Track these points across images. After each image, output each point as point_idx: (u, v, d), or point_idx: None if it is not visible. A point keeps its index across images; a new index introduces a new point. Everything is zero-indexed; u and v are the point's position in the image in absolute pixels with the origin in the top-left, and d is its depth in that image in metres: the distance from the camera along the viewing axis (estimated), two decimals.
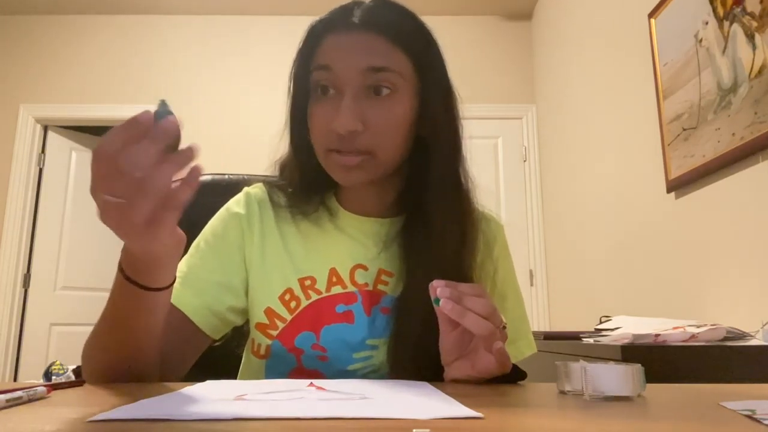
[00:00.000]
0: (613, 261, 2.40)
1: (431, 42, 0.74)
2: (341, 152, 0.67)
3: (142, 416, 0.34)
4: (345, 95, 0.67)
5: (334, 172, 0.70)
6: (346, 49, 0.68)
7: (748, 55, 1.50)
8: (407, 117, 0.70)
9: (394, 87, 0.68)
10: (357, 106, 0.66)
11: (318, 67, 0.69)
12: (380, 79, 0.67)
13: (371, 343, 0.72)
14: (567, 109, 3.07)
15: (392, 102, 0.68)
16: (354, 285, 0.73)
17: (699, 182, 1.74)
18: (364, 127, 0.67)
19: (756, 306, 1.46)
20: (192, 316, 0.71)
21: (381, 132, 0.68)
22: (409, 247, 0.72)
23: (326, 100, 0.68)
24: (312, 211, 0.76)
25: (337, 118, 0.65)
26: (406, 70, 0.69)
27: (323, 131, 0.68)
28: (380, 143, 0.68)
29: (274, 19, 3.80)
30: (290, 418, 0.34)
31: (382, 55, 0.67)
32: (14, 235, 3.58)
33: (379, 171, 0.70)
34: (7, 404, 0.39)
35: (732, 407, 0.41)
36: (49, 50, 3.82)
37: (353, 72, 0.67)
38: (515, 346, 0.78)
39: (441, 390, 0.50)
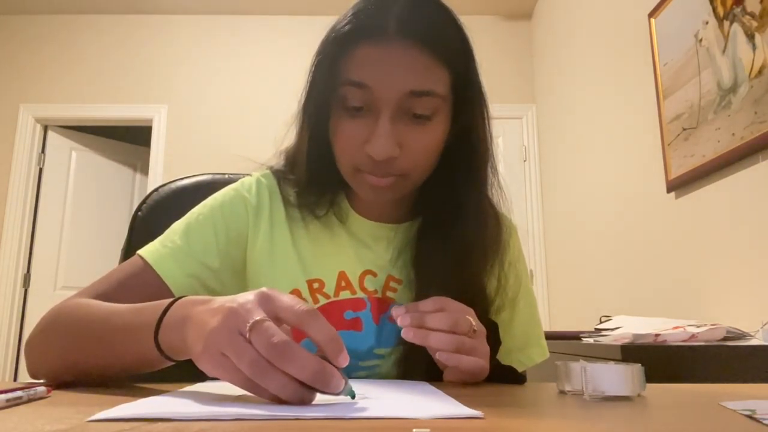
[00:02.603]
0: (613, 261, 2.40)
1: (468, 47, 0.68)
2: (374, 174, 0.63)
3: (142, 415, 0.34)
4: (381, 117, 0.61)
5: (362, 190, 0.67)
6: (385, 67, 0.61)
7: (748, 55, 1.50)
8: (443, 138, 0.66)
9: (433, 111, 0.63)
10: (395, 130, 0.61)
11: (351, 83, 0.61)
12: (421, 103, 0.62)
13: (378, 353, 0.70)
14: (567, 109, 3.07)
15: (430, 126, 0.63)
16: (363, 291, 0.71)
17: (699, 182, 1.74)
18: (400, 150, 0.62)
19: (756, 306, 1.46)
20: (177, 292, 0.66)
21: (417, 156, 0.64)
22: (422, 255, 0.70)
23: (358, 119, 0.63)
24: (322, 213, 0.72)
25: (374, 144, 0.61)
26: (447, 90, 0.64)
27: (353, 150, 0.63)
28: (416, 167, 0.64)
29: (274, 19, 3.80)
30: (290, 418, 0.34)
31: (424, 76, 0.61)
32: (14, 235, 3.58)
33: (409, 190, 0.68)
34: (7, 404, 0.39)
35: (732, 407, 0.41)
36: (49, 50, 3.82)
37: (393, 94, 0.60)
38: (525, 353, 0.76)
39: (441, 390, 0.50)
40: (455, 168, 0.69)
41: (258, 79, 3.68)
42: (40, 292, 3.64)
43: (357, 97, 0.62)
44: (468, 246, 0.68)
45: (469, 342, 0.57)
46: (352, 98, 0.62)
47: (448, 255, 0.68)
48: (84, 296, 0.65)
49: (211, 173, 1.01)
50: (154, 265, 0.66)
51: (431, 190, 0.71)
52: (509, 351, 0.75)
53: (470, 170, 0.69)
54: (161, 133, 3.70)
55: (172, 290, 0.66)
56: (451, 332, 0.56)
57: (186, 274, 0.67)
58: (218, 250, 0.70)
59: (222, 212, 0.72)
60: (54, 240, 3.73)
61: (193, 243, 0.69)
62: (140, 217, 0.96)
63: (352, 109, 0.63)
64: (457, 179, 0.69)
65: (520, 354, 0.76)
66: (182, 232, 0.70)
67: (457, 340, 0.56)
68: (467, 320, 0.57)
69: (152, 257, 0.67)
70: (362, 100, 0.62)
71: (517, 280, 0.77)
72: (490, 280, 0.71)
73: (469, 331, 0.57)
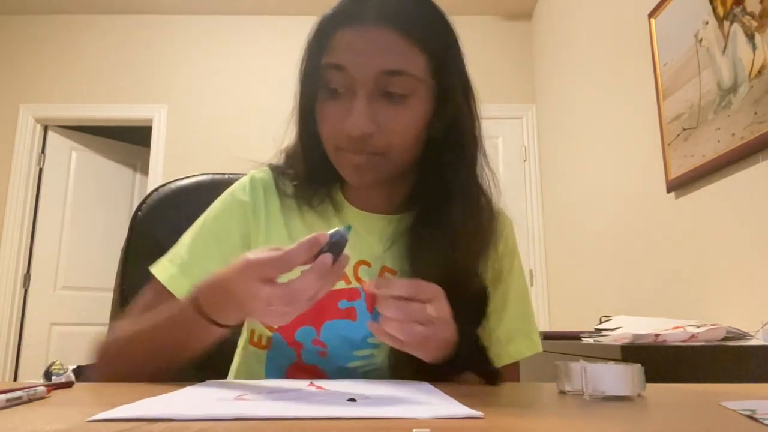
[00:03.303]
0: (613, 261, 2.40)
1: (450, 35, 0.70)
2: (352, 151, 0.66)
3: (142, 416, 0.34)
4: (357, 97, 0.64)
5: (344, 170, 0.69)
6: (360, 49, 0.64)
7: (748, 55, 1.50)
8: (421, 118, 0.67)
9: (409, 91, 0.65)
10: (370, 108, 0.64)
11: (329, 66, 0.65)
12: (395, 83, 0.64)
13: (373, 342, 0.70)
14: (567, 109, 3.07)
15: (406, 105, 0.65)
16: (358, 281, 0.72)
17: (699, 182, 1.74)
18: (376, 129, 0.64)
19: (756, 306, 1.46)
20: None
21: (393, 134, 0.65)
22: (416, 246, 0.70)
23: (337, 99, 0.66)
24: (318, 203, 0.74)
25: (350, 121, 0.63)
26: (422, 72, 0.66)
27: (334, 130, 0.66)
28: (392, 145, 0.66)
29: (274, 19, 3.79)
30: (290, 418, 0.34)
31: (398, 56, 0.64)
32: (14, 235, 3.58)
33: (389, 171, 0.69)
34: (7, 404, 0.39)
35: (732, 407, 0.41)
36: (49, 50, 3.82)
37: (367, 74, 0.63)
38: (514, 346, 0.76)
39: (441, 390, 0.50)
40: (444, 157, 0.70)
41: (258, 79, 3.68)
42: (40, 292, 3.64)
43: (336, 79, 0.65)
44: (458, 234, 0.68)
45: (421, 330, 0.56)
46: (332, 80, 0.65)
47: (440, 244, 0.68)
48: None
49: (211, 173, 1.01)
50: (169, 286, 0.71)
51: (423, 181, 0.72)
52: (498, 342, 0.75)
53: (457, 158, 0.70)
54: (161, 133, 3.69)
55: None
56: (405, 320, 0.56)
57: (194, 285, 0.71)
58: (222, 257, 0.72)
59: (222, 220, 0.75)
60: (54, 240, 3.73)
61: (199, 256, 0.73)
62: (140, 217, 0.96)
63: (332, 91, 0.66)
64: (446, 168, 0.70)
65: (509, 346, 0.76)
66: (188, 247, 0.74)
67: (407, 329, 0.56)
68: (422, 309, 0.56)
69: (164, 276, 0.72)
70: (340, 81, 0.65)
71: (510, 271, 0.78)
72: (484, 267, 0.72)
73: (422, 320, 0.56)
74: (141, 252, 0.94)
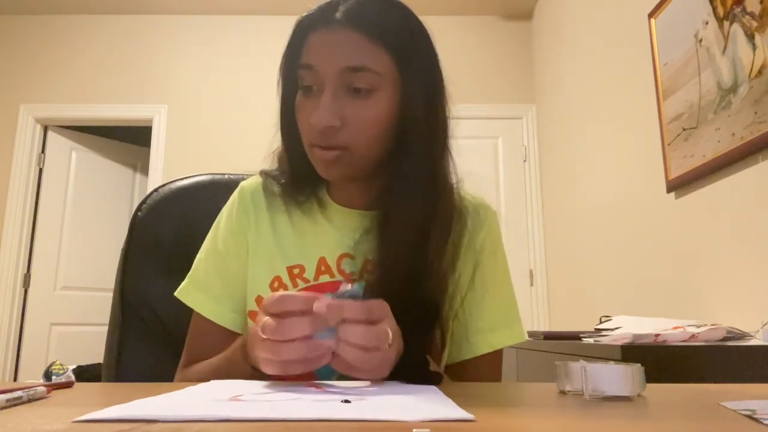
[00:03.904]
0: (613, 261, 2.40)
1: (417, 35, 0.73)
2: (322, 147, 0.69)
3: (125, 417, 0.34)
4: (324, 92, 0.68)
5: (316, 165, 0.72)
6: (326, 49, 0.69)
7: (748, 55, 1.50)
8: (386, 114, 0.70)
9: (371, 86, 0.68)
10: (335, 103, 0.68)
11: (302, 66, 0.70)
12: (358, 78, 0.68)
13: None
14: (567, 109, 3.07)
15: (370, 100, 0.69)
16: (341, 274, 0.74)
17: (699, 182, 1.74)
18: (342, 124, 0.68)
19: (756, 306, 1.46)
20: (221, 322, 0.76)
21: (357, 129, 0.69)
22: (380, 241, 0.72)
23: (310, 97, 0.70)
24: (304, 201, 0.78)
25: (316, 114, 0.67)
26: (386, 68, 0.69)
27: (306, 126, 0.70)
28: (356, 139, 0.69)
29: (274, 19, 3.79)
30: (278, 419, 0.34)
31: (360, 54, 0.68)
32: (14, 235, 3.58)
33: (356, 165, 0.71)
34: (7, 404, 0.39)
35: (732, 407, 0.41)
36: (49, 50, 3.82)
37: (332, 71, 0.68)
38: (495, 335, 0.77)
39: (443, 390, 0.50)
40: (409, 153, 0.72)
41: (258, 79, 3.68)
42: (40, 292, 3.64)
43: (308, 78, 0.69)
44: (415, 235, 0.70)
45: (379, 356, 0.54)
46: (305, 80, 0.70)
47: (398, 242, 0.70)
48: (182, 369, 0.78)
49: (211, 173, 1.01)
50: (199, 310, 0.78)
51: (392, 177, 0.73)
52: (480, 331, 0.77)
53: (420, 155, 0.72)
54: (161, 133, 3.69)
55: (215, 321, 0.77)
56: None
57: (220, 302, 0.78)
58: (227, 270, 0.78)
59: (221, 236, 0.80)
60: (54, 240, 3.73)
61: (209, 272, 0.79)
62: (140, 217, 0.96)
63: (306, 89, 0.70)
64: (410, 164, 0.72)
65: (491, 335, 0.77)
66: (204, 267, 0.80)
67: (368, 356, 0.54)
68: (380, 333, 0.54)
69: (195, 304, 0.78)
70: (311, 80, 0.69)
71: (492, 262, 0.79)
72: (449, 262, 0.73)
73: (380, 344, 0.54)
74: (141, 252, 0.94)
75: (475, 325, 0.77)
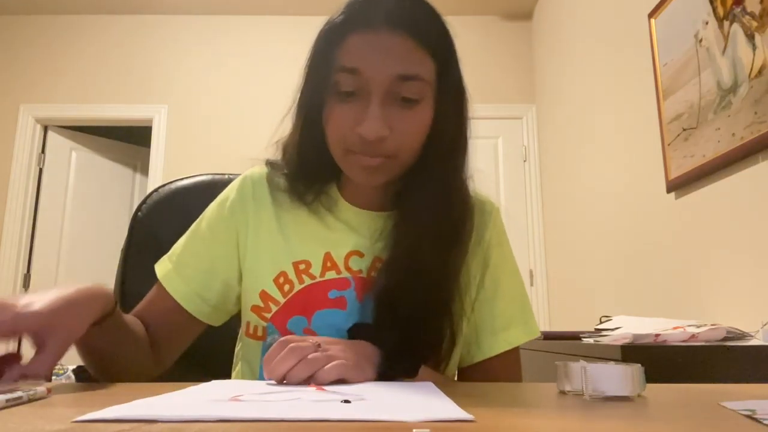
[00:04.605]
0: (613, 261, 2.40)
1: (451, 40, 0.72)
2: (366, 155, 0.67)
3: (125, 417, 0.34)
4: (372, 101, 0.65)
5: (353, 171, 0.70)
6: (375, 53, 0.65)
7: (748, 55, 1.50)
8: (429, 122, 0.69)
9: (420, 95, 0.67)
10: (384, 112, 0.66)
11: (343, 69, 0.66)
12: (408, 87, 0.66)
13: None
14: (567, 109, 3.07)
15: (417, 109, 0.67)
16: (348, 271, 0.73)
17: (699, 182, 1.74)
18: (389, 133, 0.66)
19: (756, 306, 1.46)
20: (183, 302, 0.75)
21: (405, 137, 0.67)
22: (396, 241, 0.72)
23: (349, 103, 0.67)
24: (311, 200, 0.76)
25: (366, 125, 0.65)
26: (431, 76, 0.68)
27: (345, 133, 0.67)
28: (404, 147, 0.68)
29: (275, 19, 3.80)
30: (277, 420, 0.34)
31: (413, 62, 0.66)
32: (14, 235, 3.58)
33: (398, 173, 0.70)
34: (7, 404, 0.39)
35: (732, 407, 0.41)
36: (49, 50, 3.82)
37: (383, 78, 0.65)
38: (510, 333, 0.77)
39: (444, 390, 0.50)
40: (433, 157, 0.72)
41: (258, 79, 3.68)
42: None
43: (349, 83, 0.66)
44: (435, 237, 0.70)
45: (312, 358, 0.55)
46: (345, 84, 0.66)
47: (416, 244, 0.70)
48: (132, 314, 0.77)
49: (211, 173, 1.01)
50: (162, 281, 0.77)
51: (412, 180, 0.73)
52: (495, 329, 0.77)
53: (445, 159, 0.72)
54: (161, 133, 3.69)
55: (173, 296, 0.75)
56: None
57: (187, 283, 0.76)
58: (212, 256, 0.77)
59: (212, 221, 0.79)
60: (54, 240, 3.73)
61: (189, 252, 0.78)
62: (140, 217, 0.96)
63: (344, 94, 0.67)
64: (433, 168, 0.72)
65: (505, 333, 0.77)
66: (183, 245, 0.79)
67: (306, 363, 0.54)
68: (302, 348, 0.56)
69: (160, 273, 0.78)
70: (354, 85, 0.66)
71: (498, 259, 0.79)
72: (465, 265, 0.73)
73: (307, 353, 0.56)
74: (141, 252, 0.94)
75: (490, 323, 0.77)
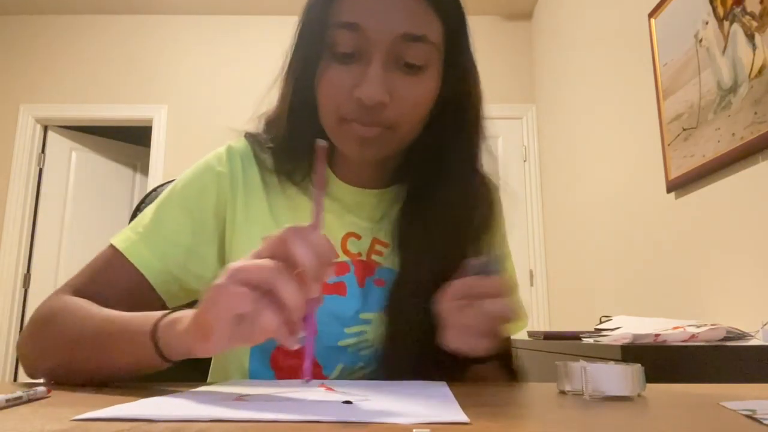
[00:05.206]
0: (613, 261, 2.40)
1: (463, 13, 0.65)
2: (362, 123, 0.60)
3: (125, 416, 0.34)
4: (373, 61, 0.58)
5: (346, 143, 0.63)
6: (380, 7, 0.58)
7: (748, 55, 1.50)
8: (434, 91, 0.63)
9: (425, 60, 0.60)
10: (386, 75, 0.59)
11: (342, 25, 0.59)
12: (413, 50, 0.59)
13: (365, 317, 0.66)
14: (567, 109, 3.07)
15: (423, 75, 0.61)
16: (346, 254, 0.68)
17: (699, 182, 1.74)
18: (390, 99, 0.59)
19: (756, 306, 1.46)
20: (152, 280, 0.65)
21: (406, 107, 0.61)
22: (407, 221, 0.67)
23: (347, 63, 0.60)
24: (300, 178, 0.69)
25: (365, 88, 0.58)
26: (439, 39, 0.61)
27: (341, 98, 0.60)
28: (405, 118, 0.61)
29: (275, 19, 3.79)
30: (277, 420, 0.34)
31: (421, 20, 0.59)
32: (14, 235, 3.58)
33: (396, 147, 0.64)
34: (7, 404, 0.39)
35: (732, 407, 0.41)
36: (49, 50, 3.82)
37: (386, 36, 0.58)
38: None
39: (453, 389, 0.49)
40: (443, 133, 0.66)
41: (258, 79, 3.66)
42: (40, 292, 3.64)
43: (348, 41, 0.59)
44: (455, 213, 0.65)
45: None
46: (343, 43, 0.59)
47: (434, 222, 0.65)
48: (65, 293, 0.64)
49: None
50: (126, 252, 0.65)
51: (417, 154, 0.68)
52: None
53: (459, 136, 0.67)
54: (161, 133, 3.69)
55: (145, 276, 0.65)
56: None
57: (158, 257, 0.66)
58: (192, 228, 0.68)
59: (193, 188, 0.70)
60: (54, 240, 3.73)
61: (164, 225, 0.67)
62: None
63: (341, 56, 0.60)
64: (446, 144, 0.67)
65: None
66: (152, 215, 0.68)
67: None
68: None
69: (124, 245, 0.66)
70: (353, 44, 0.59)
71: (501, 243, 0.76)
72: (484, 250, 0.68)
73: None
74: None
75: None
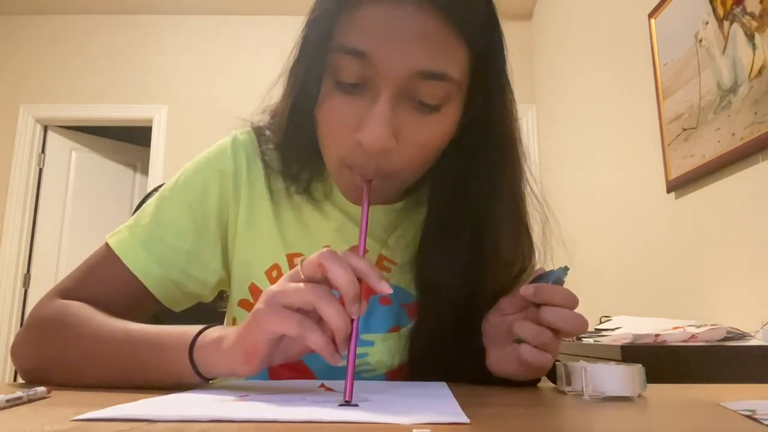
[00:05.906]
0: (613, 261, 2.40)
1: (497, 24, 0.56)
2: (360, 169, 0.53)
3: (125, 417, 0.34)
4: (380, 98, 0.49)
5: (344, 188, 0.58)
6: (392, 35, 0.48)
7: (748, 55, 1.50)
8: (452, 129, 0.55)
9: (443, 99, 0.51)
10: (394, 115, 0.50)
11: (347, 51, 0.49)
12: (430, 89, 0.50)
13: (366, 339, 0.63)
14: (567, 109, 3.07)
15: (438, 118, 0.52)
16: None
17: (699, 182, 1.74)
18: (396, 143, 0.51)
19: (756, 306, 1.45)
20: (151, 286, 0.62)
21: (416, 150, 0.53)
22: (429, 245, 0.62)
23: (352, 94, 0.51)
24: (306, 185, 0.64)
25: (367, 132, 0.49)
26: (463, 72, 0.52)
27: (341, 136, 0.53)
28: (412, 163, 0.54)
29: (275, 19, 3.79)
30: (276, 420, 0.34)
31: (442, 53, 0.49)
32: (14, 235, 3.58)
33: (394, 191, 0.59)
34: (7, 404, 0.39)
35: (732, 407, 0.41)
36: (49, 50, 3.82)
37: (398, 73, 0.49)
38: None
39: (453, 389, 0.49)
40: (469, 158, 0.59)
41: (258, 79, 3.66)
42: (40, 292, 3.59)
43: (353, 70, 0.50)
44: (485, 254, 0.61)
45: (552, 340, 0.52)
46: (347, 71, 0.50)
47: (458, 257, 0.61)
48: (58, 295, 0.63)
49: None
50: (123, 257, 0.63)
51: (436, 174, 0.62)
52: None
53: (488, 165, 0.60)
54: (161, 133, 3.69)
55: (141, 280, 0.62)
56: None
57: (157, 262, 0.63)
58: (194, 230, 0.64)
59: (194, 188, 0.66)
60: (54, 240, 3.73)
61: (164, 227, 0.64)
62: None
63: (345, 85, 0.51)
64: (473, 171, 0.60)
65: None
66: (151, 215, 0.65)
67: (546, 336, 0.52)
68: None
69: (121, 248, 0.63)
70: (359, 74, 0.50)
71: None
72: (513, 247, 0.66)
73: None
74: None
75: None
